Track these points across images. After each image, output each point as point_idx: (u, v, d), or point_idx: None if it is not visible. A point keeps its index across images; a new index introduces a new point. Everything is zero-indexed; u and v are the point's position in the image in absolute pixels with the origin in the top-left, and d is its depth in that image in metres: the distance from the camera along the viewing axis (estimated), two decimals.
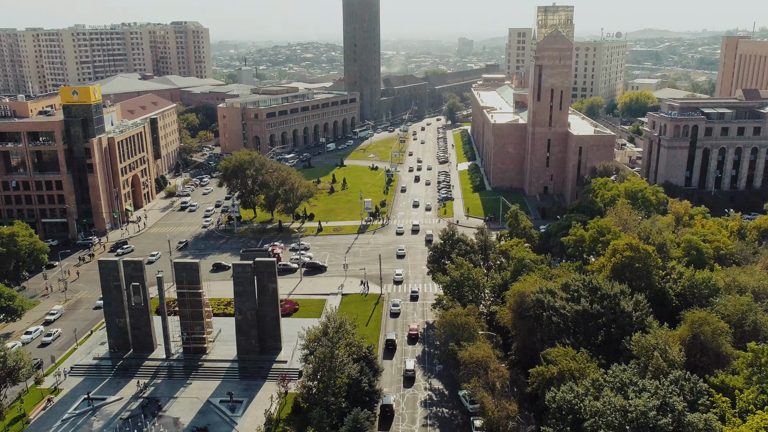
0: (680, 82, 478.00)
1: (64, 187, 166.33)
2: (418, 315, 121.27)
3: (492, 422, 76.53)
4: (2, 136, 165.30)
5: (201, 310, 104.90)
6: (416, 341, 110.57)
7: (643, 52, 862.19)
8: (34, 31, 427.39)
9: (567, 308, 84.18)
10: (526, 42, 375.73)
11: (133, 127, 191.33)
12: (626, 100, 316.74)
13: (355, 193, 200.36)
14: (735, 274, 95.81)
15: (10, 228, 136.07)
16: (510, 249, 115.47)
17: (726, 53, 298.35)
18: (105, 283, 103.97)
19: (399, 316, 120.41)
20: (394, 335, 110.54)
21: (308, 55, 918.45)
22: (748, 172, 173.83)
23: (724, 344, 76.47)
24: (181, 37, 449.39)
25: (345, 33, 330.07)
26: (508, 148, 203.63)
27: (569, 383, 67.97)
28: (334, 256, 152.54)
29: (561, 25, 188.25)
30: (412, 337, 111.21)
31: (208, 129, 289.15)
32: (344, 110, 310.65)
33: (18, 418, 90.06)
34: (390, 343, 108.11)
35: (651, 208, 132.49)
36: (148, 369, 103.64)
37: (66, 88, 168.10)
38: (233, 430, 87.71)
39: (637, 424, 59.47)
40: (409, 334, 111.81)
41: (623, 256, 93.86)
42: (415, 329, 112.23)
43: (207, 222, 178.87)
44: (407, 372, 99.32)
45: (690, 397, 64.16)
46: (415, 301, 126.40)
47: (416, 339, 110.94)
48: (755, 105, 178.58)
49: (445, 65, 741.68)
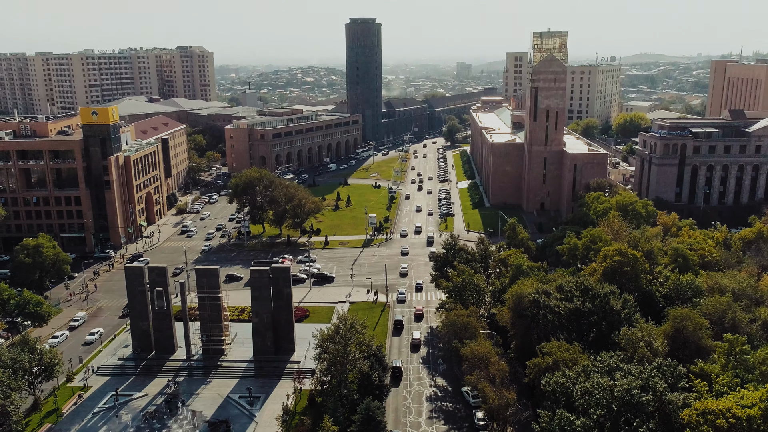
0: (674, 105, 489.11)
1: (82, 203, 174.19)
2: (422, 321, 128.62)
3: (493, 410, 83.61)
4: (25, 154, 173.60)
5: (220, 314, 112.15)
6: (421, 319, 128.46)
7: (639, 75, 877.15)
8: (44, 55, 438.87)
9: (561, 307, 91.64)
10: (522, 65, 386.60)
11: (146, 146, 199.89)
12: (620, 122, 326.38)
13: (359, 209, 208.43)
14: (717, 277, 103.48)
15: (35, 240, 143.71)
16: (508, 258, 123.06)
17: (715, 76, 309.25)
18: (131, 288, 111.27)
19: (404, 303, 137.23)
20: (401, 316, 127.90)
21: (309, 79, 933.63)
22: (735, 188, 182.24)
23: (705, 338, 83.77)
24: (186, 61, 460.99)
25: (348, 57, 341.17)
26: (506, 166, 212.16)
27: (563, 370, 75.20)
28: (341, 268, 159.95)
29: (556, 49, 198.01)
30: (418, 315, 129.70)
31: (215, 150, 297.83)
32: (347, 131, 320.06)
33: (52, 411, 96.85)
34: (398, 323, 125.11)
35: (641, 220, 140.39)
36: (169, 369, 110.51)
37: (86, 108, 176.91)
38: (253, 421, 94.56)
39: (622, 401, 66.66)
40: (415, 314, 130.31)
41: (613, 261, 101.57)
42: (420, 309, 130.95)
43: (206, 246, 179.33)
44: (414, 340, 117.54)
45: (671, 381, 71.36)
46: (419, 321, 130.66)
47: (421, 317, 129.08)
48: (741, 125, 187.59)
49: (443, 89, 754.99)
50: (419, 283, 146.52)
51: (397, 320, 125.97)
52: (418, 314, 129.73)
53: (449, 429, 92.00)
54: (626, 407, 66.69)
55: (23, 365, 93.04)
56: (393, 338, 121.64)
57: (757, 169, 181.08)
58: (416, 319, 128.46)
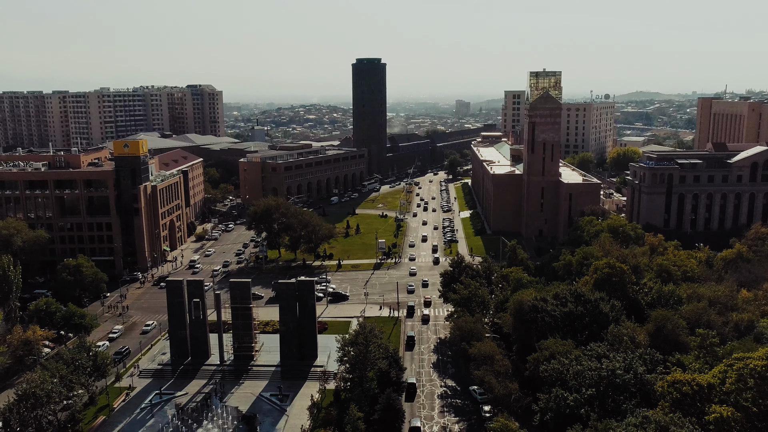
0: (668, 141, 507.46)
1: (113, 228, 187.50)
2: (431, 332, 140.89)
3: (498, 398, 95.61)
4: (61, 183, 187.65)
5: (251, 323, 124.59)
6: (429, 305, 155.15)
7: (635, 113, 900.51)
8: (61, 93, 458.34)
9: (557, 311, 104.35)
10: (520, 103, 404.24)
11: (170, 177, 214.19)
12: (614, 156, 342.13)
13: (368, 236, 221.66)
14: (695, 287, 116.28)
15: (75, 260, 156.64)
16: (510, 274, 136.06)
17: (702, 112, 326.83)
18: (171, 299, 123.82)
19: (414, 293, 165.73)
20: (413, 302, 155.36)
21: (311, 117, 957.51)
22: (719, 214, 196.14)
23: (682, 335, 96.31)
24: (197, 99, 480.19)
25: (354, 95, 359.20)
26: (506, 196, 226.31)
27: (559, 358, 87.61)
28: (354, 288, 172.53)
29: (551, 87, 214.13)
30: (426, 302, 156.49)
31: (227, 182, 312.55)
32: (354, 165, 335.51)
33: (104, 406, 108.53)
34: (410, 308, 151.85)
35: (630, 241, 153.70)
36: (205, 372, 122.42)
37: (119, 141, 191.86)
38: (284, 414, 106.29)
39: (608, 381, 78.99)
40: (424, 300, 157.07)
41: (603, 272, 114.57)
42: (428, 297, 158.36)
43: (225, 270, 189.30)
44: (424, 315, 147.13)
45: (650, 366, 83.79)
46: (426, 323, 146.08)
47: (429, 303, 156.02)
48: (723, 156, 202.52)
49: (443, 126, 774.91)
50: (427, 298, 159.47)
51: (409, 336, 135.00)
52: (427, 301, 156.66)
53: (459, 420, 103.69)
54: (611, 386, 78.97)
55: (81, 363, 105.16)
56: (405, 352, 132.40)
57: (739, 197, 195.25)
58: (425, 305, 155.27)
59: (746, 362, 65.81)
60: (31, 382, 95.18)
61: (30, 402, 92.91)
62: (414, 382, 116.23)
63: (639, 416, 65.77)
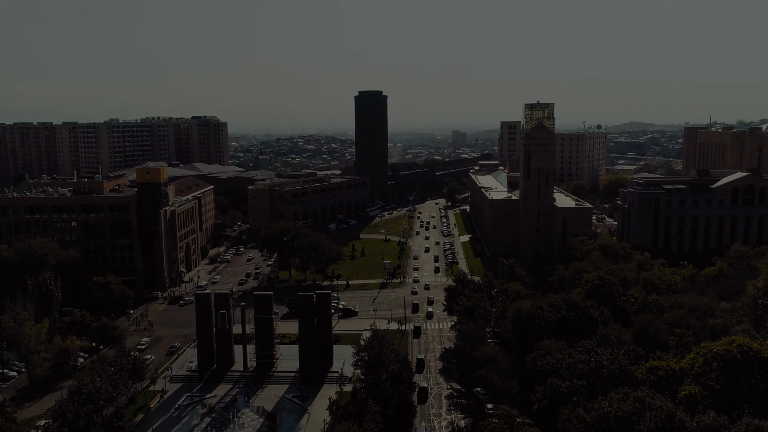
0: (660, 170, 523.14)
1: (134, 250, 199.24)
2: (436, 342, 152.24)
3: (500, 393, 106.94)
4: (86, 208, 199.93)
5: (272, 332, 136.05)
6: (433, 303, 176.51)
7: (628, 143, 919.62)
8: (71, 124, 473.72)
9: (552, 316, 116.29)
10: (516, 133, 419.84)
11: (186, 202, 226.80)
12: (607, 183, 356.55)
13: (374, 258, 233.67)
14: (677, 297, 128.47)
15: (104, 278, 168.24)
16: (508, 288, 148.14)
17: (687, 141, 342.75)
18: (199, 310, 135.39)
19: (417, 294, 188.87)
20: (417, 301, 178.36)
21: (310, 147, 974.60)
22: (703, 236, 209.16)
23: (664, 336, 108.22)
24: (203, 129, 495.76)
25: (356, 125, 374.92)
26: (503, 220, 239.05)
27: (554, 355, 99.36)
28: (362, 305, 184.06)
29: (544, 118, 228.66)
30: (430, 301, 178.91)
31: (235, 209, 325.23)
32: (356, 192, 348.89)
33: (142, 406, 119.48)
34: (415, 306, 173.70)
35: (619, 258, 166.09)
36: (230, 378, 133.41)
37: (141, 168, 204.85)
38: (306, 412, 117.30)
39: (596, 371, 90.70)
40: (427, 299, 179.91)
41: (593, 284, 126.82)
42: (432, 297, 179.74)
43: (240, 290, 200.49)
44: (429, 312, 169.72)
45: (633, 360, 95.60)
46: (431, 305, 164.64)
47: (433, 302, 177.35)
48: (706, 182, 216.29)
49: (439, 155, 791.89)
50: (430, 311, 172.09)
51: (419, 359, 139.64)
52: (430, 300, 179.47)
53: (465, 417, 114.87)
54: (599, 376, 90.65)
55: (123, 365, 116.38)
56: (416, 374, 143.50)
57: (721, 220, 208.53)
58: (428, 304, 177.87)
59: (711, 348, 77.71)
60: (82, 380, 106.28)
61: (81, 398, 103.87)
62: (425, 386, 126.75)
63: (620, 393, 77.39)
